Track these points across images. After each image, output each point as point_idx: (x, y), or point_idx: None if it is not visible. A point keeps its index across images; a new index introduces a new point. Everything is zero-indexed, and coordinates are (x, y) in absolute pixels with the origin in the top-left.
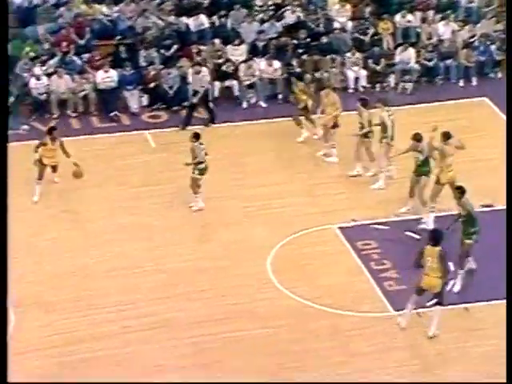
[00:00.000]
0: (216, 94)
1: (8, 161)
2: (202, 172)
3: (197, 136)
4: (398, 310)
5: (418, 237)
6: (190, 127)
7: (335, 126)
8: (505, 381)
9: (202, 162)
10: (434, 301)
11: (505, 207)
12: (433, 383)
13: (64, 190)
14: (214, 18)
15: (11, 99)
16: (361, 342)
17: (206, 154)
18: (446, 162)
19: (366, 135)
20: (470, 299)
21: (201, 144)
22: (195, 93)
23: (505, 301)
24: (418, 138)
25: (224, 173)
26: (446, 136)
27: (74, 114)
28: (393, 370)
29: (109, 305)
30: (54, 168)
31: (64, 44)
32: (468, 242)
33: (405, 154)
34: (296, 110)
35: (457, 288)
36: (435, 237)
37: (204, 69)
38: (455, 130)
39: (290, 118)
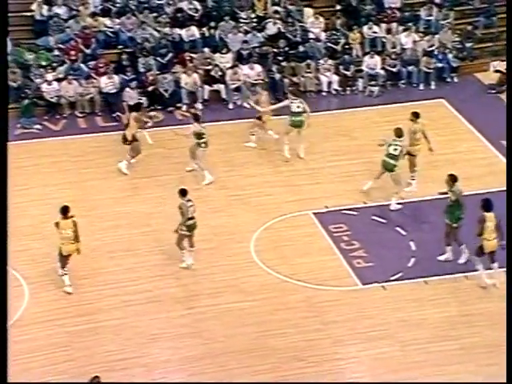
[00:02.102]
0: (206, 96)
1: (8, 160)
2: (190, 229)
3: (183, 193)
4: (365, 284)
5: (384, 221)
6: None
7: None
8: (504, 380)
9: (190, 219)
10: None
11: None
12: (431, 383)
13: (73, 182)
14: (204, 29)
15: (26, 102)
16: (333, 312)
17: (194, 211)
18: (415, 136)
19: None
20: (428, 273)
21: (188, 201)
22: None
23: (457, 274)
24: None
25: (213, 166)
26: (415, 115)
27: (81, 115)
28: (361, 335)
29: (111, 282)
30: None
31: (72, 53)
32: (455, 225)
33: None
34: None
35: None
36: (488, 204)
37: (195, 75)
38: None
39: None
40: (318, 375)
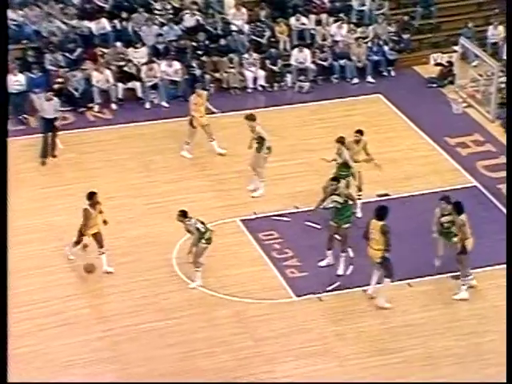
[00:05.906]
0: (120, 95)
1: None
2: (210, 241)
3: (183, 214)
4: (299, 296)
5: (318, 226)
6: None
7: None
8: (505, 381)
9: (205, 232)
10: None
11: (400, 196)
12: (428, 383)
13: None
14: (116, 21)
15: None
16: (264, 327)
17: (202, 223)
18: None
19: None
20: (368, 282)
21: (189, 219)
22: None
23: (399, 282)
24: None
25: (128, 172)
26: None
27: None
28: (296, 351)
29: (24, 304)
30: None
31: None
32: (346, 226)
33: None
34: None
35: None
36: (381, 212)
37: (107, 71)
38: (352, 125)
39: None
40: None
